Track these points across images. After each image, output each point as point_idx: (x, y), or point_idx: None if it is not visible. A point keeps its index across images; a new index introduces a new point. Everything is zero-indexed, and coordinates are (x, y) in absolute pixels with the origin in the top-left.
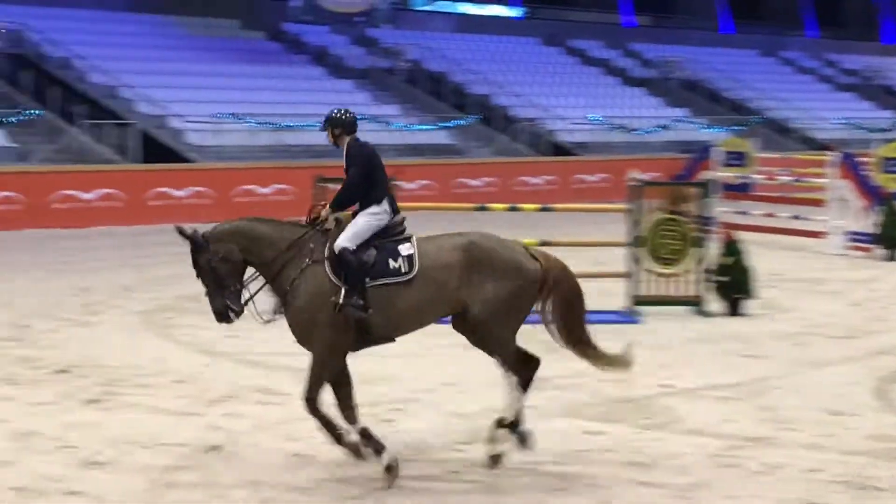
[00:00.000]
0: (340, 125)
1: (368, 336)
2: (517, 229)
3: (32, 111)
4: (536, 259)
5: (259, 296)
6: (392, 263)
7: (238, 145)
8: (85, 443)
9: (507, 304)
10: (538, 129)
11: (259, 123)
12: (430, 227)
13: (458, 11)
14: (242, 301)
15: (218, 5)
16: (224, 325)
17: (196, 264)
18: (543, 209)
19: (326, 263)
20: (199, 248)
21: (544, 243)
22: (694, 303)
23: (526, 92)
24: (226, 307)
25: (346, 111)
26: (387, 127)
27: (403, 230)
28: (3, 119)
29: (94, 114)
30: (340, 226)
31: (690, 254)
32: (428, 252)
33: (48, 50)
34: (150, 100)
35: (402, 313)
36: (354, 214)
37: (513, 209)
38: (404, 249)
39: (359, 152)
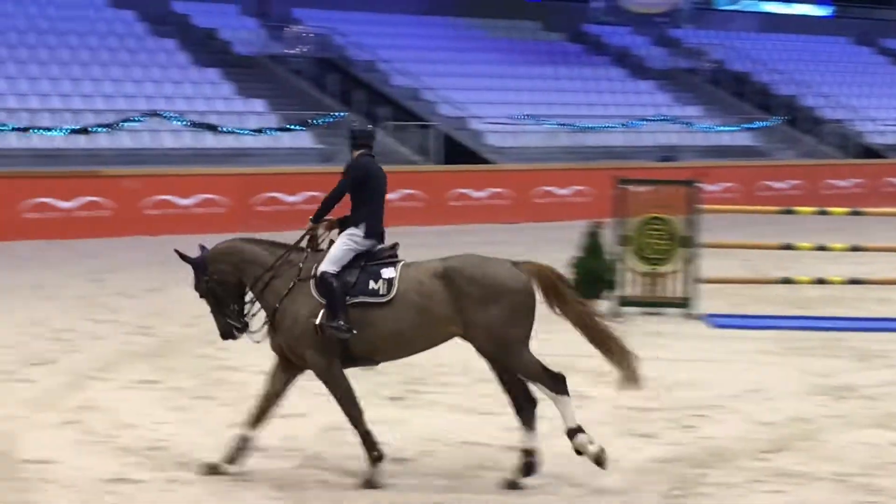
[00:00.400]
0: (350, 138)
1: (348, 354)
2: (825, 234)
3: (338, 113)
4: (524, 270)
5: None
6: (372, 284)
7: (537, 147)
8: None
9: (506, 326)
10: (847, 130)
11: (559, 125)
12: (731, 230)
13: (763, 10)
14: (244, 318)
15: (518, 7)
16: None
17: (197, 286)
18: (853, 213)
19: (311, 282)
20: (197, 269)
21: (856, 248)
22: None
23: (834, 92)
24: (228, 325)
25: (362, 126)
26: (689, 128)
27: (394, 255)
28: (311, 121)
29: (398, 115)
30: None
31: None
32: (408, 277)
33: (353, 53)
34: (451, 102)
35: (381, 336)
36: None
37: (821, 213)
38: (386, 273)
39: (353, 167)
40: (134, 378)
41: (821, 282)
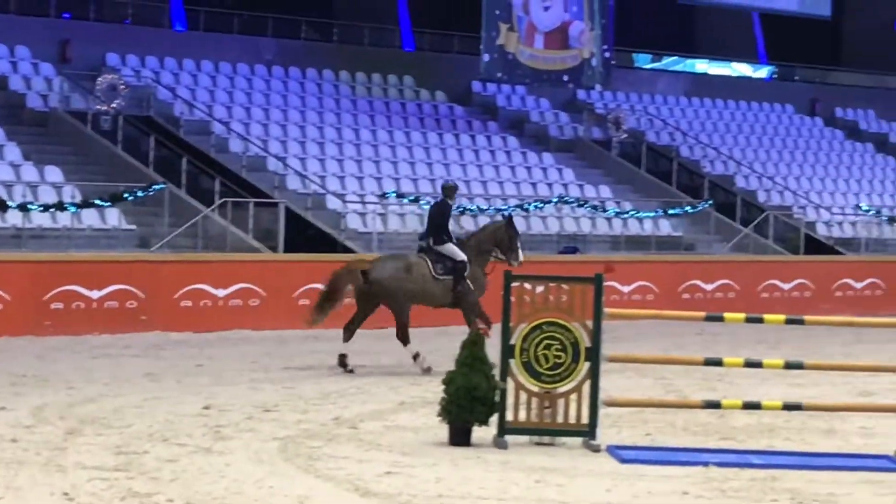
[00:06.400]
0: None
1: None
2: (761, 347)
3: (158, 185)
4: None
5: None
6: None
7: (410, 232)
8: None
9: None
10: (791, 219)
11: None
12: (646, 340)
13: (692, 70)
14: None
15: (391, 59)
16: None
17: None
18: (792, 321)
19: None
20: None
21: (791, 366)
22: None
23: (776, 172)
24: None
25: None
26: (597, 213)
27: None
28: (123, 195)
29: (234, 190)
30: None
31: None
32: None
33: (181, 111)
34: (304, 174)
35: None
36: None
37: (756, 321)
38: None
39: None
40: None
41: (753, 407)
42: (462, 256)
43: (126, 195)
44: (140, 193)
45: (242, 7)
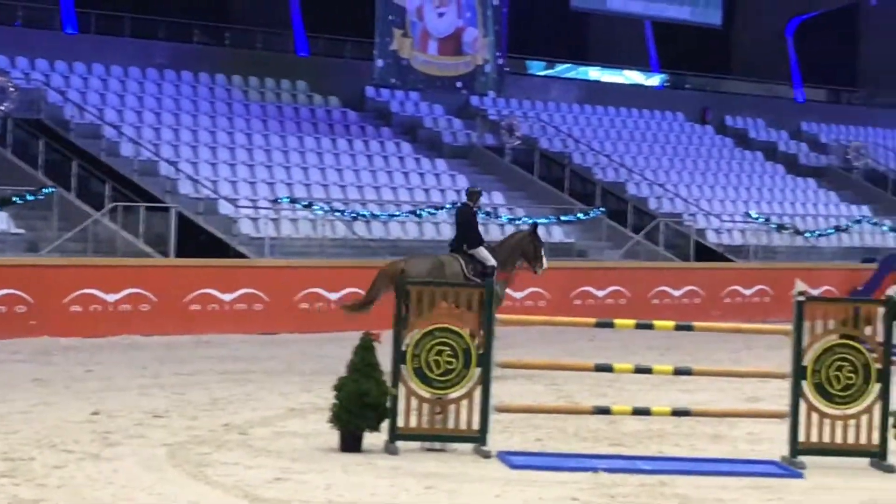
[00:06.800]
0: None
1: None
2: (651, 353)
3: (47, 189)
4: None
5: None
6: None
7: (303, 238)
8: None
9: None
10: (681, 227)
11: (332, 211)
12: (537, 346)
13: (585, 78)
14: None
15: (285, 64)
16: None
17: None
18: (681, 328)
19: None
20: None
21: (681, 372)
22: (872, 453)
23: (667, 180)
24: None
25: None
26: (490, 219)
27: None
28: (11, 198)
29: (125, 194)
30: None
31: (870, 391)
32: None
33: (71, 114)
34: (196, 179)
35: None
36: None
37: (646, 327)
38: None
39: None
40: None
41: (643, 412)
42: (492, 262)
43: (15, 199)
44: (29, 197)
45: (135, 10)
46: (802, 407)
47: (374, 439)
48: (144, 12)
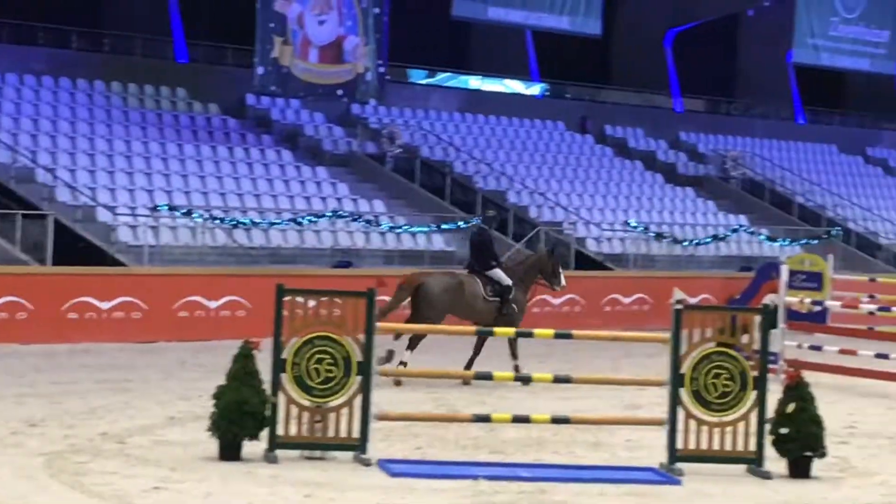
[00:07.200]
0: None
1: None
2: (530, 361)
3: None
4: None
5: None
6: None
7: (182, 246)
8: None
9: None
10: (562, 235)
11: (211, 218)
12: (418, 354)
13: (466, 87)
14: None
15: (164, 71)
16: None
17: None
18: (560, 336)
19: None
20: None
21: (560, 380)
22: (749, 460)
23: (547, 188)
24: None
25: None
26: (370, 227)
27: None
28: None
29: (1, 201)
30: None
31: (747, 398)
32: None
33: None
34: (73, 186)
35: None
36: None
37: (523, 335)
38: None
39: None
40: None
41: (523, 420)
42: (508, 281)
43: None
44: None
45: (11, 16)
46: (680, 414)
47: (253, 448)
48: (22, 18)
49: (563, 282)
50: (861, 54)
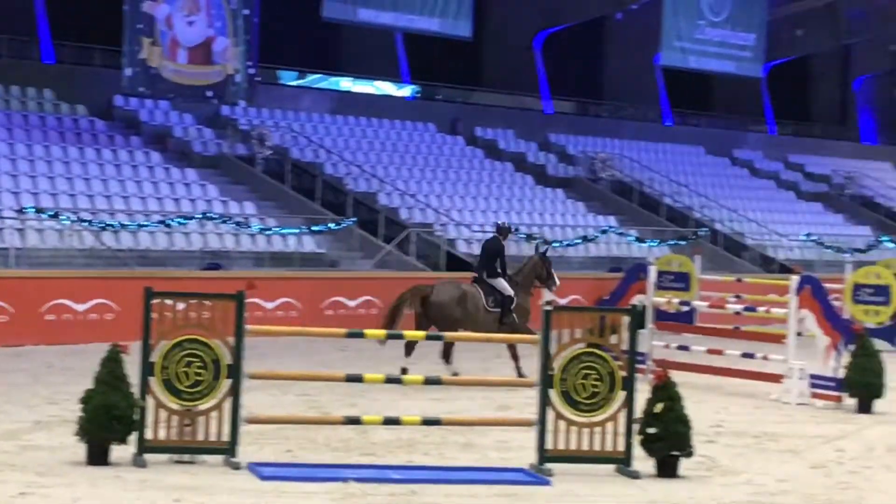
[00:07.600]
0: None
1: None
2: (386, 363)
3: None
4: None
5: None
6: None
7: (48, 248)
8: None
9: None
10: (432, 237)
11: (77, 221)
12: (289, 357)
13: (336, 88)
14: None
15: (29, 72)
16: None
17: None
18: (432, 338)
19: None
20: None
21: (431, 381)
22: (618, 460)
23: (418, 190)
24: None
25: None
26: (241, 229)
27: None
28: None
29: None
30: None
31: (615, 398)
32: None
33: None
34: None
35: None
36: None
37: (394, 337)
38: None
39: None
40: None
41: (393, 422)
42: (510, 292)
43: None
44: None
45: None
46: (550, 415)
47: (122, 452)
48: None
49: (557, 281)
50: (727, 57)
